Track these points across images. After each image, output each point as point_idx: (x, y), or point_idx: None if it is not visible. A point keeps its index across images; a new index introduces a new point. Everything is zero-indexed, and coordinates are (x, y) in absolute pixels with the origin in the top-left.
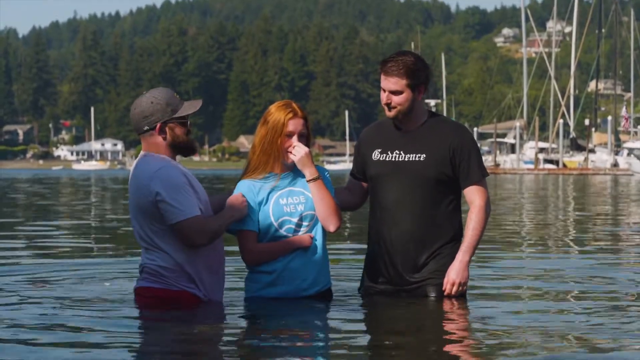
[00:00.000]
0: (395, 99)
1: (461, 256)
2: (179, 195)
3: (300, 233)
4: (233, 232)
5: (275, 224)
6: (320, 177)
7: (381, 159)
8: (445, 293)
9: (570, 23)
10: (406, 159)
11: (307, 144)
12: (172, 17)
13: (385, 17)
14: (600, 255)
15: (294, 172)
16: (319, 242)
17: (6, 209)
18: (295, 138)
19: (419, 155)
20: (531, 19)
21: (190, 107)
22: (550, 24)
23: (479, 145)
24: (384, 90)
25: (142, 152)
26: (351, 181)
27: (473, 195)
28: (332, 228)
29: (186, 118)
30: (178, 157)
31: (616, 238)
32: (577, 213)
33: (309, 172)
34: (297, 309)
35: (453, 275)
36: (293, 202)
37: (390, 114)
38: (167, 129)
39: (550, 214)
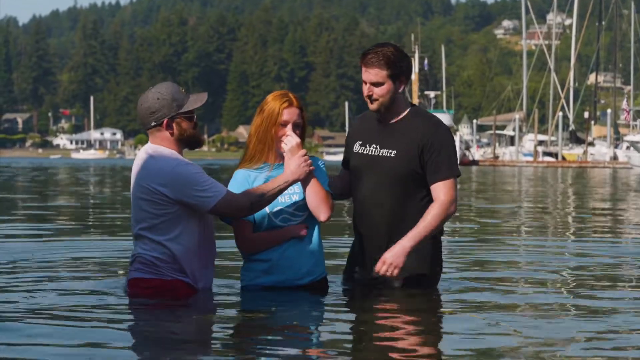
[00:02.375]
0: (377, 91)
1: (404, 241)
2: (203, 184)
3: (295, 223)
4: (228, 221)
5: (270, 214)
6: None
7: (360, 151)
8: (375, 270)
9: (570, 15)
10: (380, 154)
11: (302, 135)
12: (173, 6)
13: (386, 9)
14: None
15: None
16: (313, 232)
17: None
18: (289, 127)
19: (391, 151)
20: (531, 11)
21: (196, 101)
22: (550, 16)
23: (477, 137)
24: (365, 83)
25: (150, 145)
26: (342, 170)
27: (439, 192)
28: (322, 217)
29: (192, 112)
30: (184, 151)
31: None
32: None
33: None
34: (290, 299)
35: (388, 256)
36: (287, 192)
37: (373, 106)
38: (174, 124)
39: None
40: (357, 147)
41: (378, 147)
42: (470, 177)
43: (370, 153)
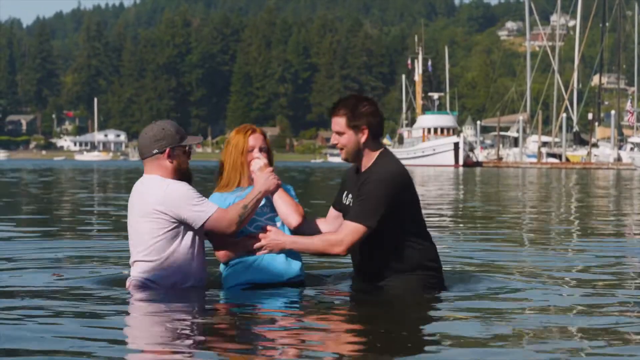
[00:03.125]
0: (340, 140)
1: (288, 242)
2: (196, 199)
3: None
4: (206, 234)
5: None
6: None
7: (344, 201)
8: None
9: (574, 17)
10: (347, 204)
11: (270, 159)
12: (176, 8)
13: (389, 10)
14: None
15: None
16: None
17: None
18: (256, 151)
19: (351, 201)
20: (535, 12)
21: (194, 139)
22: (554, 18)
23: (481, 138)
24: (333, 132)
25: (145, 176)
26: (330, 212)
27: (342, 229)
28: (293, 223)
29: (191, 147)
30: None
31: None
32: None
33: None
34: (271, 296)
35: (273, 235)
36: (259, 205)
37: (342, 156)
38: (174, 154)
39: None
40: (343, 197)
41: (350, 196)
42: (474, 178)
43: (347, 203)
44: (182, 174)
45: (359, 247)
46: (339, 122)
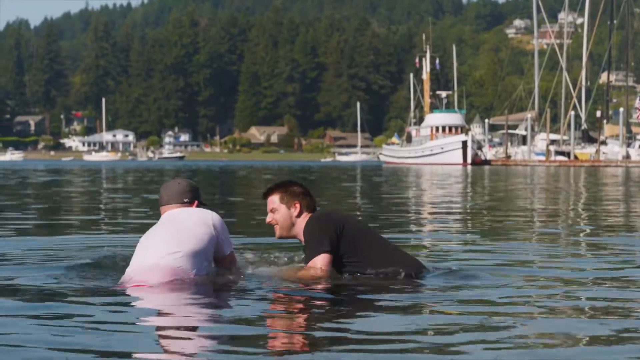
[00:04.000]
0: (275, 216)
1: (286, 270)
2: (228, 234)
3: None
4: None
5: None
6: None
7: None
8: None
9: (581, 14)
10: None
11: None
12: (184, 8)
13: (397, 9)
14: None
15: None
16: None
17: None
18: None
19: None
20: (542, 10)
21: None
22: (561, 15)
23: (489, 136)
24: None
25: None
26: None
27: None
28: None
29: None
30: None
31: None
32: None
33: None
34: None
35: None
36: None
37: (276, 234)
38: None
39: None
40: None
41: None
42: (482, 176)
43: None
44: None
45: None
46: (272, 199)
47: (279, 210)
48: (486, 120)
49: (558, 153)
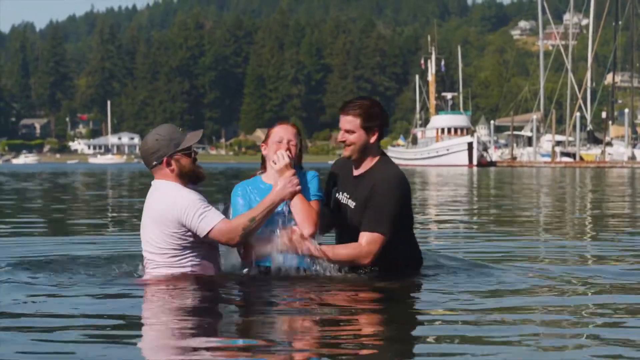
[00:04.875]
0: (350, 138)
1: (314, 250)
2: (199, 212)
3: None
4: None
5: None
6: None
7: (337, 197)
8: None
9: (587, 15)
10: (345, 203)
11: (299, 155)
12: (189, 10)
13: (402, 10)
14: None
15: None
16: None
17: None
18: (284, 142)
19: (352, 202)
20: (548, 11)
21: (192, 138)
22: (567, 17)
23: (495, 138)
24: (341, 129)
25: (155, 182)
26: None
27: (362, 240)
28: (306, 232)
29: (190, 149)
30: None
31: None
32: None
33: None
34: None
35: (300, 240)
36: (283, 211)
37: (345, 153)
38: (173, 162)
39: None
40: (334, 193)
41: (345, 195)
42: (500, 178)
43: (341, 201)
44: (188, 176)
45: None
46: (352, 122)
47: (357, 133)
48: (492, 122)
49: (564, 154)
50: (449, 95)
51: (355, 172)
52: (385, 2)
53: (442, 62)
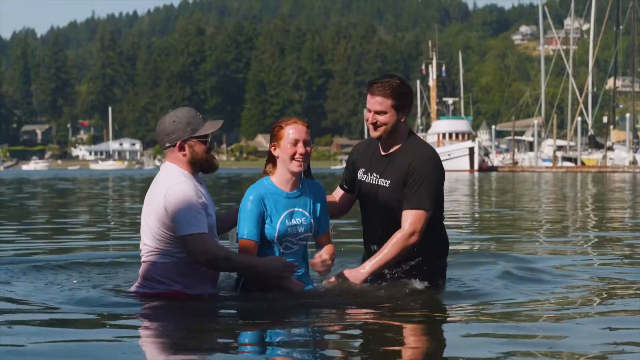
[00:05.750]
0: (380, 119)
1: (367, 267)
2: (186, 211)
3: (294, 249)
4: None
5: (276, 240)
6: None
7: (364, 179)
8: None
9: (587, 20)
10: (378, 183)
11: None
12: (190, 16)
13: (403, 16)
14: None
15: (300, 188)
16: (305, 259)
17: None
18: (300, 145)
19: (386, 181)
20: (549, 16)
21: (211, 126)
22: (567, 22)
23: (496, 143)
24: (369, 110)
25: (165, 164)
26: (338, 189)
27: (405, 221)
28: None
29: (207, 137)
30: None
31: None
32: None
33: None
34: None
35: (347, 275)
36: (295, 223)
37: (375, 133)
38: (186, 147)
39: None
40: (360, 174)
41: (377, 175)
42: (490, 182)
43: (371, 182)
44: (200, 164)
45: (390, 230)
46: (383, 102)
47: (388, 114)
48: (493, 127)
49: (565, 159)
50: (450, 101)
51: (384, 152)
52: (386, 7)
53: (443, 68)
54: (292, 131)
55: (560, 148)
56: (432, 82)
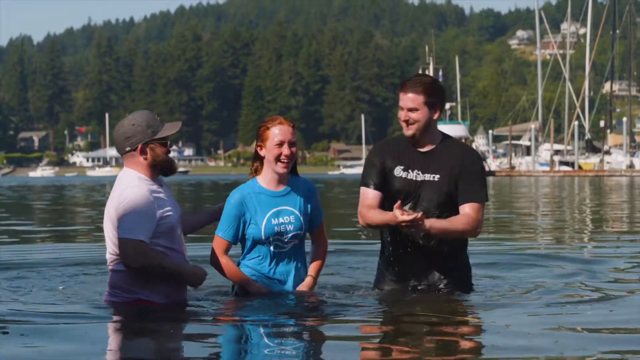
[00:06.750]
0: (413, 116)
1: (432, 222)
2: (130, 215)
3: (284, 250)
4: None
5: (265, 239)
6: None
7: (403, 175)
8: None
9: (584, 24)
10: (424, 179)
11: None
12: (186, 22)
13: (400, 21)
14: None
15: (288, 187)
16: (300, 256)
17: None
18: (285, 146)
19: (434, 175)
20: (545, 20)
21: (171, 128)
22: (564, 26)
23: (493, 147)
24: (402, 109)
25: (123, 170)
26: (375, 196)
27: (469, 210)
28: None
29: (166, 139)
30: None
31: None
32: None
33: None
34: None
35: (420, 223)
36: (283, 222)
37: (408, 132)
38: (147, 150)
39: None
40: (399, 172)
41: (420, 172)
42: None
43: (413, 178)
44: (161, 167)
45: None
46: (416, 99)
47: (420, 111)
48: (490, 131)
49: (562, 163)
50: (447, 105)
51: (422, 149)
52: (383, 12)
53: (440, 72)
54: (277, 132)
55: (557, 152)
56: None
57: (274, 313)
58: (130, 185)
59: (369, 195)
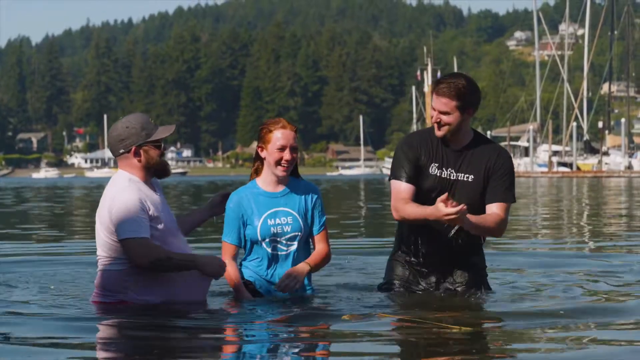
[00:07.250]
0: (444, 119)
1: (469, 217)
2: (126, 217)
3: (282, 252)
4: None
5: (262, 240)
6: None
7: (437, 174)
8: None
9: (582, 25)
10: (458, 178)
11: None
12: (185, 23)
13: (398, 22)
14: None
15: (287, 188)
16: (301, 259)
17: None
18: (287, 151)
19: (468, 176)
20: (543, 21)
21: (164, 131)
22: (562, 27)
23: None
24: (434, 109)
25: (117, 172)
26: (408, 189)
27: (497, 209)
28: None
29: (160, 141)
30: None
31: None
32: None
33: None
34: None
35: (457, 210)
36: (281, 223)
37: (439, 133)
38: (141, 152)
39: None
40: (434, 169)
41: (453, 171)
42: None
43: (447, 177)
44: (154, 169)
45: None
46: (448, 103)
47: (452, 115)
48: (488, 132)
49: (560, 164)
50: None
51: (455, 147)
52: (381, 13)
53: (438, 73)
54: (280, 136)
55: (555, 153)
56: (427, 88)
57: (272, 315)
58: (121, 188)
59: (402, 188)
